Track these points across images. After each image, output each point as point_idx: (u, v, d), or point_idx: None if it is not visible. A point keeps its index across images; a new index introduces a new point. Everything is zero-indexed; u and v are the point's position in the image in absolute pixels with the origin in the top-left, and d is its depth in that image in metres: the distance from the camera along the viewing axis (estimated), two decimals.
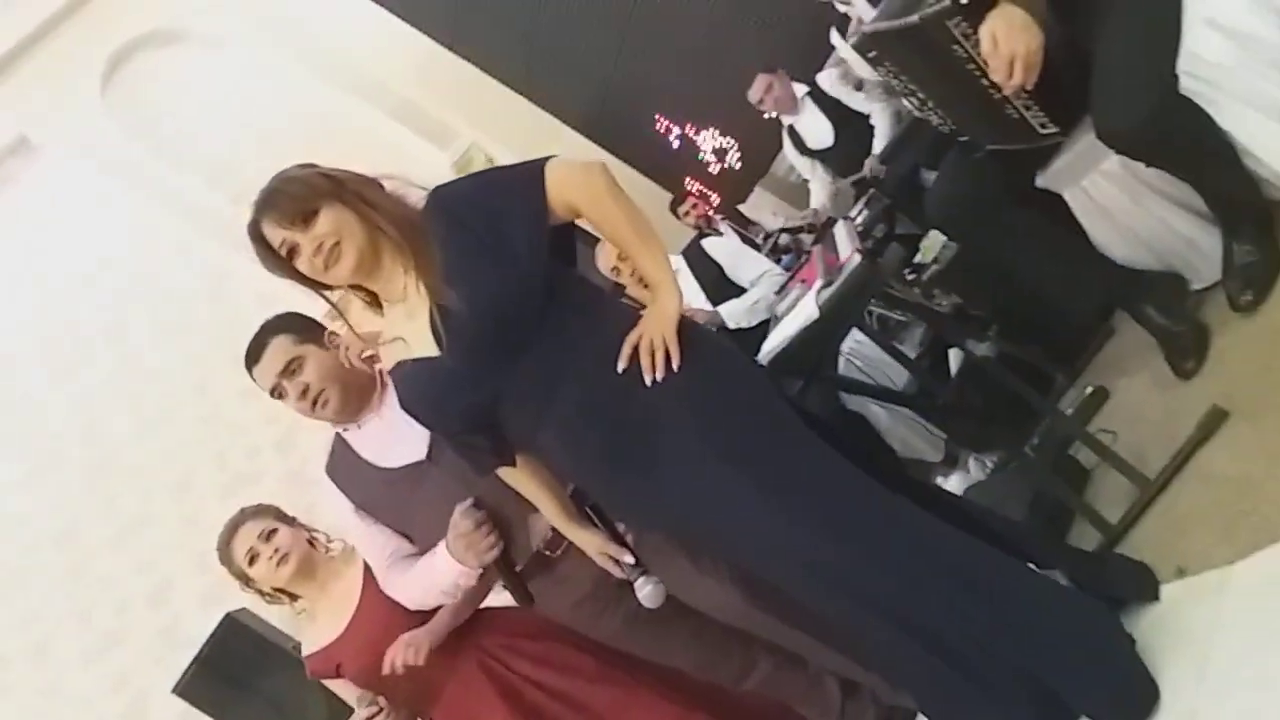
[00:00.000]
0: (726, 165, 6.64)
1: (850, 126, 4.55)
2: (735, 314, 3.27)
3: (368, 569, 2.31)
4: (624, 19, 5.92)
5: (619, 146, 6.52)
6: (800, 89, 4.72)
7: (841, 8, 4.24)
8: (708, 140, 6.66)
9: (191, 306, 5.16)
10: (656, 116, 6.47)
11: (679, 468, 1.58)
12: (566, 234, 1.74)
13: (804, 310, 1.98)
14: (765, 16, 5.29)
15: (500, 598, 2.23)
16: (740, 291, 3.45)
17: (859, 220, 3.65)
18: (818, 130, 4.68)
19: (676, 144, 6.63)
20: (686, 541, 1.93)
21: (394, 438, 2.06)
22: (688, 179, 6.51)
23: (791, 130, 4.81)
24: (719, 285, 3.43)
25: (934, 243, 2.71)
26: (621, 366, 1.60)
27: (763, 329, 3.16)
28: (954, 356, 2.83)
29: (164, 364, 5.06)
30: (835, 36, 4.40)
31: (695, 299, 3.45)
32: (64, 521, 4.80)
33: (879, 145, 4.46)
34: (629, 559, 1.80)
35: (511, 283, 1.60)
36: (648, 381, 1.58)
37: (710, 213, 5.65)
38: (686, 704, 2.26)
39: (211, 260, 5.17)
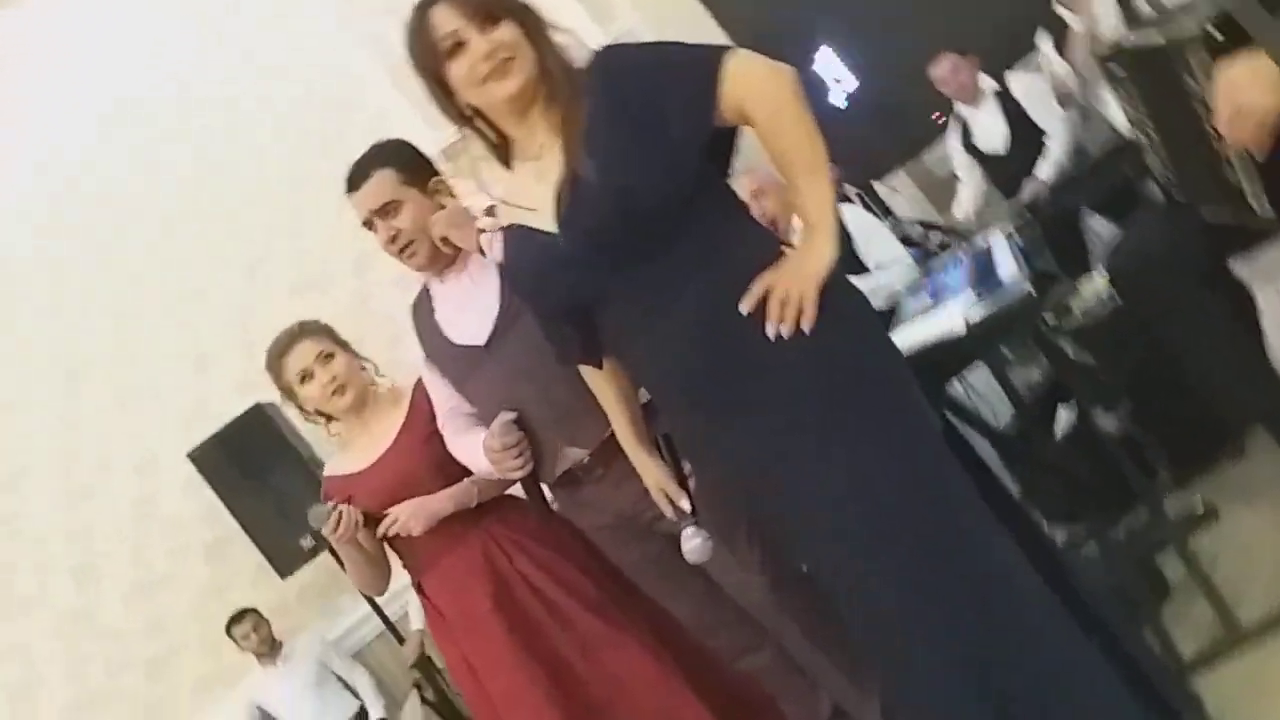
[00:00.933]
0: (879, 133, 6.32)
1: (1026, 140, 4.29)
2: None
3: (410, 414, 2.28)
4: None
5: None
6: (987, 83, 4.45)
7: (1061, 10, 3.95)
8: (868, 102, 6.34)
9: (307, 105, 4.95)
10: (820, 60, 6.13)
11: (771, 435, 1.45)
12: (728, 138, 1.58)
13: (947, 321, 1.80)
14: None
15: None
16: (861, 268, 3.26)
17: (1019, 239, 3.42)
18: (993, 132, 4.42)
19: (836, 97, 6.32)
20: (730, 516, 1.81)
21: (466, 308, 1.99)
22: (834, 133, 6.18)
23: (964, 123, 4.54)
24: (842, 257, 3.23)
25: (1091, 291, 2.50)
26: (745, 308, 1.45)
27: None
28: (1063, 415, 2.64)
29: (266, 148, 4.93)
30: (1043, 39, 4.10)
31: None
32: (129, 269, 4.77)
33: (1046, 170, 4.22)
34: (685, 504, 1.69)
35: (654, 172, 1.45)
36: (769, 334, 1.44)
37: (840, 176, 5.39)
38: (669, 662, 2.18)
39: (343, 63, 4.98)
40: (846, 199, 5.23)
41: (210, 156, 4.86)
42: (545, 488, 2.07)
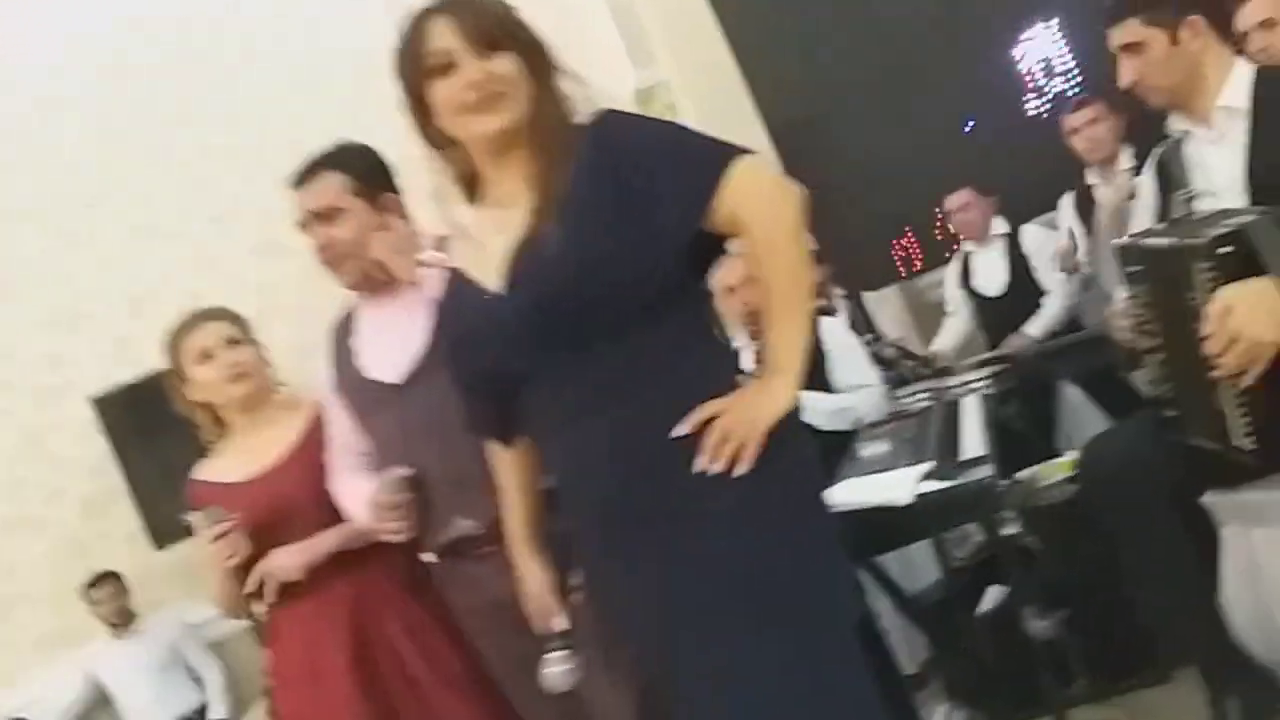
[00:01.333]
0: (880, 246, 6.23)
1: (1023, 291, 4.21)
2: (817, 409, 2.93)
3: (308, 433, 2.08)
4: (880, 54, 5.48)
5: (793, 166, 6.14)
6: (999, 225, 4.37)
7: (1090, 178, 3.88)
8: (876, 212, 6.25)
9: (313, 64, 4.66)
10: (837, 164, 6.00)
11: (673, 582, 1.30)
12: (715, 245, 1.42)
13: (894, 489, 1.64)
14: (1016, 140, 4.84)
15: None
16: (828, 386, 3.11)
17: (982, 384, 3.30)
18: (992, 275, 4.34)
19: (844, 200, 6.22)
20: (616, 638, 1.63)
21: (389, 341, 1.83)
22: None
23: (966, 259, 4.46)
24: (812, 369, 3.09)
25: (1048, 476, 2.36)
26: (681, 430, 1.30)
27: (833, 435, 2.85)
28: (993, 592, 2.49)
29: (259, 100, 4.69)
30: (1067, 203, 4.02)
31: None
32: (88, 189, 4.52)
33: (1037, 326, 4.12)
34: (561, 623, 1.50)
35: (623, 257, 1.30)
36: (698, 467, 1.29)
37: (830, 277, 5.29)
38: None
39: (363, 21, 4.77)
40: (826, 311, 5.12)
41: (200, 97, 4.64)
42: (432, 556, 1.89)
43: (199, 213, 4.66)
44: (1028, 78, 5.02)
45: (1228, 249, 1.58)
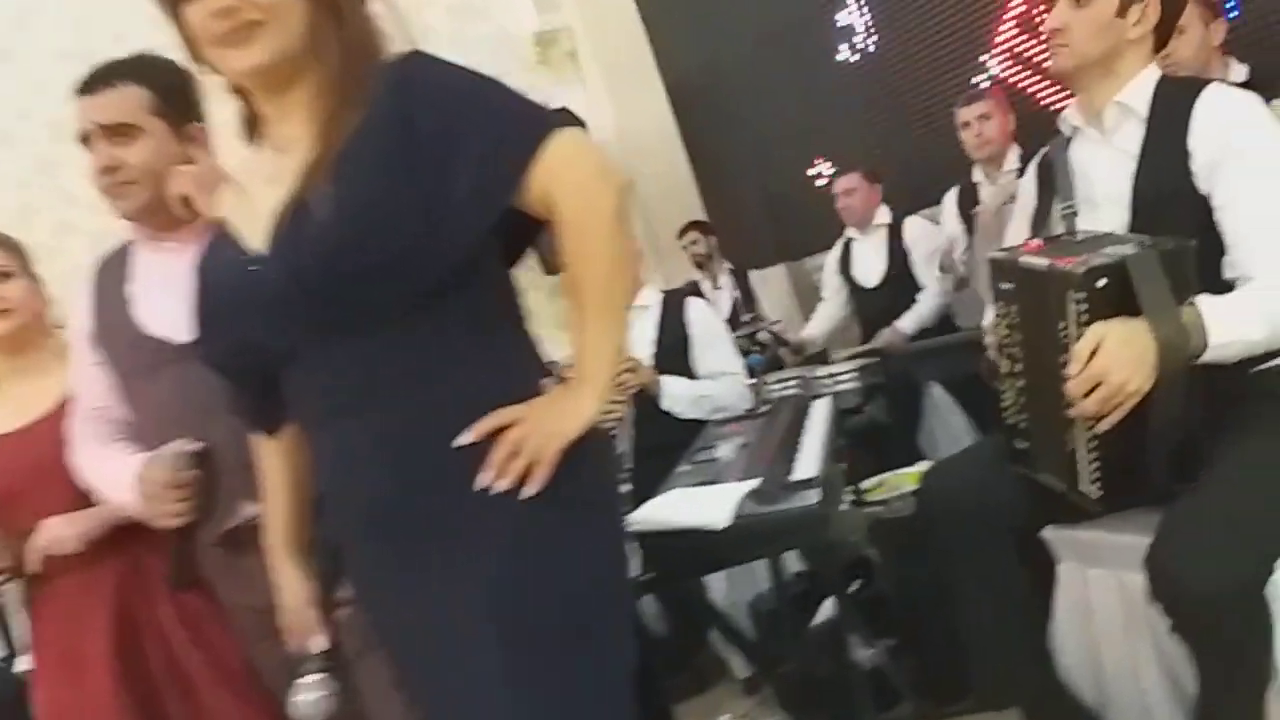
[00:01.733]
0: (770, 224, 6.12)
1: (899, 283, 4.14)
2: (677, 395, 2.82)
3: None
4: (780, 23, 5.29)
5: (690, 132, 5.96)
6: (884, 215, 4.28)
7: (977, 174, 3.81)
8: (772, 191, 6.13)
9: None
10: (733, 134, 5.82)
11: (440, 599, 1.13)
12: (530, 225, 1.20)
13: (712, 510, 1.44)
14: (910, 129, 4.73)
15: None
16: (688, 371, 2.98)
17: (846, 379, 3.23)
18: (870, 264, 4.26)
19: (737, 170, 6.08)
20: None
21: (175, 291, 1.55)
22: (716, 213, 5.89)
23: (847, 245, 4.37)
24: (675, 353, 2.95)
25: (895, 486, 2.27)
26: (466, 439, 1.12)
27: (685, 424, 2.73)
28: (828, 605, 2.40)
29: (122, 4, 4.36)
30: (950, 200, 3.94)
31: (643, 344, 2.97)
32: None
33: (908, 323, 4.06)
34: (321, 644, 1.31)
35: (408, 230, 1.09)
36: (479, 482, 1.11)
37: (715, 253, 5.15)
38: None
39: None
40: (714, 282, 5.00)
41: None
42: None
43: (36, 118, 4.24)
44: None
45: (1105, 282, 1.48)
